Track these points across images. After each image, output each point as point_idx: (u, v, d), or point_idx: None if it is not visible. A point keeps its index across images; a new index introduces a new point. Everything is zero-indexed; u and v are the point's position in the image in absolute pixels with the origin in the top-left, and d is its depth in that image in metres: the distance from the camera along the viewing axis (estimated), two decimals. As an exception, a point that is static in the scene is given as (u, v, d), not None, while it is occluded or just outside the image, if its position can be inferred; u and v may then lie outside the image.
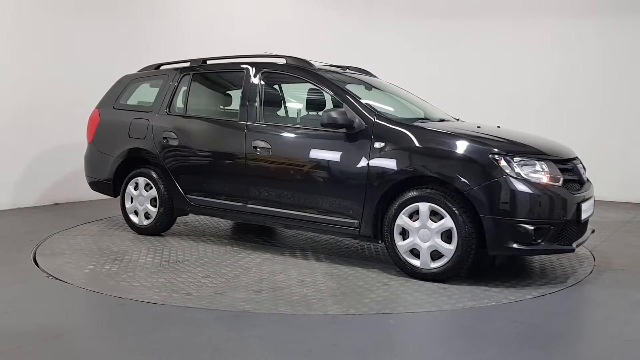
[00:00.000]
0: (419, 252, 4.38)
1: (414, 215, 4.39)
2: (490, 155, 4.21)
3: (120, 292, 3.99)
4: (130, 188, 5.86)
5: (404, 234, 4.44)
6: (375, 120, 4.61)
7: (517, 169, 4.18)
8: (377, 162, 4.50)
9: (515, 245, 4.13)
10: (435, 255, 4.34)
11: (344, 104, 4.76)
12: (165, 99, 5.79)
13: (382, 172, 4.48)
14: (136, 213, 5.86)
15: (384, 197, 4.50)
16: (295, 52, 5.63)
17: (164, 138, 5.63)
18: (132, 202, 5.87)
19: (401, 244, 4.44)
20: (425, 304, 3.88)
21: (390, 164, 4.46)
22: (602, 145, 8.95)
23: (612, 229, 6.64)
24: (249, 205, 5.15)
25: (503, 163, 4.18)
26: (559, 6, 9.39)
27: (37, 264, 4.71)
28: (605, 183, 8.60)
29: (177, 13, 9.02)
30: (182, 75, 5.81)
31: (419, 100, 5.71)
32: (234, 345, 3.16)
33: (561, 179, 4.31)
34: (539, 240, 4.16)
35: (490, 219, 4.12)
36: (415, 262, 4.39)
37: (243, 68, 5.42)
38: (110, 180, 6.01)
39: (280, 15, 10.08)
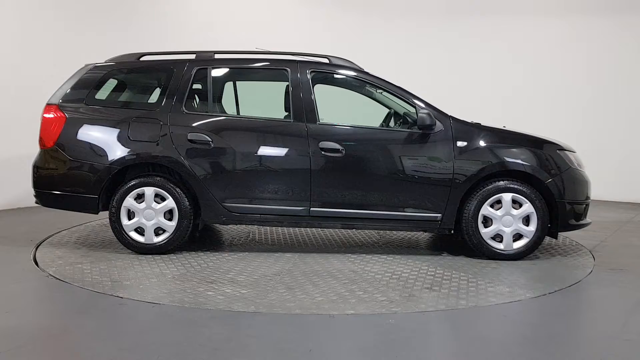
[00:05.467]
0: (501, 236, 4.97)
1: (494, 205, 4.96)
2: (557, 151, 5.08)
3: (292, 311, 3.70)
4: (130, 201, 4.94)
5: (485, 222, 4.97)
6: (451, 121, 5.03)
7: (573, 161, 5.10)
8: (463, 160, 4.94)
9: (573, 222, 5.08)
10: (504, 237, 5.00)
11: (415, 106, 5.03)
12: (178, 96, 5.06)
13: (469, 169, 4.93)
14: (137, 230, 5.00)
15: (468, 191, 4.95)
16: (289, 50, 5.58)
17: (190, 140, 4.97)
18: (130, 218, 4.98)
19: (485, 231, 4.98)
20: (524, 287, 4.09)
21: (479, 161, 4.96)
22: (602, 145, 8.94)
23: (612, 229, 6.64)
24: (312, 209, 4.98)
25: (565, 157, 5.07)
26: (559, 6, 9.38)
27: (37, 264, 4.71)
28: (605, 183, 8.60)
29: (178, 13, 9.02)
30: (195, 69, 5.14)
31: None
32: (234, 345, 3.15)
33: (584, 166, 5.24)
34: (584, 216, 5.16)
35: (563, 203, 4.97)
36: (499, 246, 5.00)
37: (285, 66, 5.18)
38: (97, 193, 4.99)
39: (272, 13, 10.00)
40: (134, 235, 4.99)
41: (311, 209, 4.99)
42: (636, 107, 8.93)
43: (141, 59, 5.37)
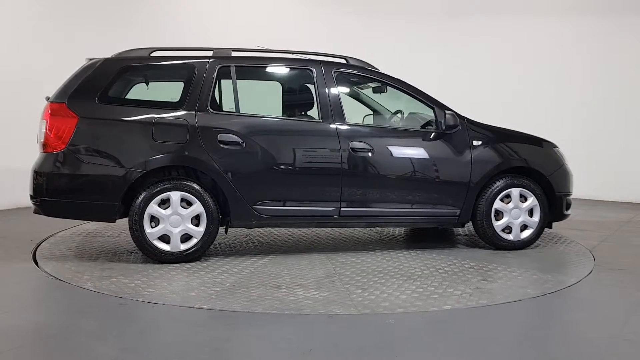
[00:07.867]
0: (509, 228, 5.33)
1: (504, 199, 5.29)
2: (554, 149, 5.59)
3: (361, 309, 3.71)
4: (154, 207, 4.60)
5: (496, 215, 5.30)
6: (466, 122, 5.29)
7: (564, 157, 5.58)
8: (479, 158, 5.23)
9: (565, 213, 5.53)
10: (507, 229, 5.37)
11: (435, 108, 5.24)
12: (203, 94, 4.79)
13: (485, 166, 5.23)
14: (161, 238, 4.65)
15: (483, 187, 5.25)
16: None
17: (220, 141, 4.76)
18: (153, 225, 4.63)
19: (498, 224, 5.30)
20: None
21: (493, 159, 5.28)
22: (601, 145, 8.95)
23: (612, 229, 6.64)
24: (343, 209, 5.00)
25: (559, 153, 5.58)
26: (559, 6, 9.39)
27: (37, 264, 4.70)
28: (605, 183, 8.61)
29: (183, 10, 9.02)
30: (218, 66, 4.90)
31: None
32: (234, 345, 3.16)
33: None
34: (570, 207, 5.62)
35: (560, 195, 5.43)
36: (509, 237, 5.35)
37: (309, 66, 5.15)
38: (117, 200, 4.58)
39: (271, 13, 9.99)
40: (158, 243, 4.63)
41: (341, 209, 5.02)
42: (636, 107, 8.93)
43: (152, 55, 5.00)
